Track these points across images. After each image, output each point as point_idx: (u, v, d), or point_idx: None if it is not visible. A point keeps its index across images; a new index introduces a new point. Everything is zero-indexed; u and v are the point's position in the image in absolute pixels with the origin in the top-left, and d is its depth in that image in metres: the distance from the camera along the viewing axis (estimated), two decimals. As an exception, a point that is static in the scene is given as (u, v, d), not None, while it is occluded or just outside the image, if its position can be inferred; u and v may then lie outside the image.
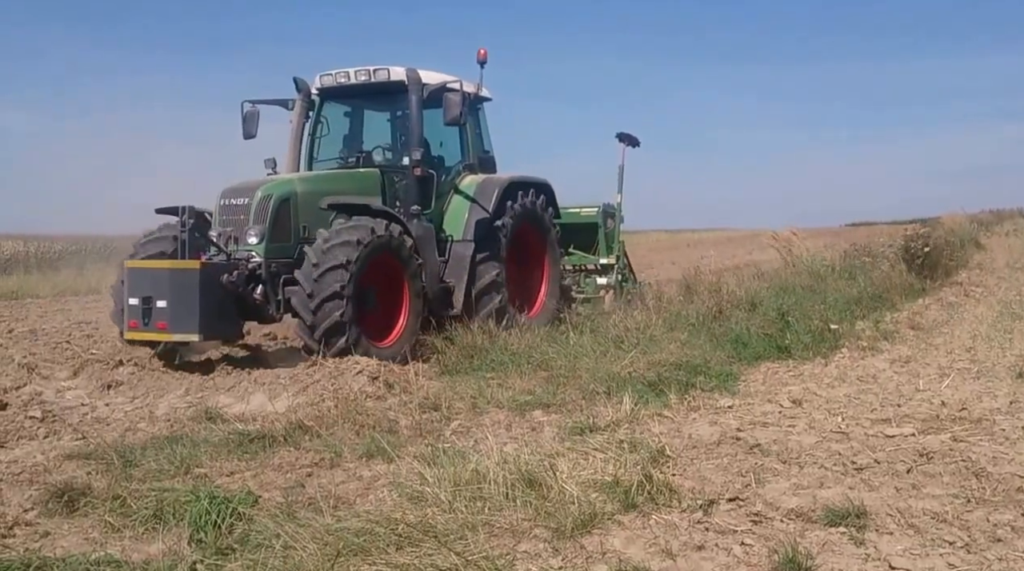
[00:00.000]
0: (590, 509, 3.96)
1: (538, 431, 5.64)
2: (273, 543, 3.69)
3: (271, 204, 8.87)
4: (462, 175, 10.72)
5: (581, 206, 12.99)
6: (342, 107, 10.87)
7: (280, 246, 8.81)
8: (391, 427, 5.85)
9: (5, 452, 5.68)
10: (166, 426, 6.32)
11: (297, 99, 10.56)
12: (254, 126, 10.53)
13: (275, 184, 9.22)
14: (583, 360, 7.51)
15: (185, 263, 8.40)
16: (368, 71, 10.21)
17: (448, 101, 9.60)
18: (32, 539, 4.14)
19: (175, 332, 8.18)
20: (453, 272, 10.00)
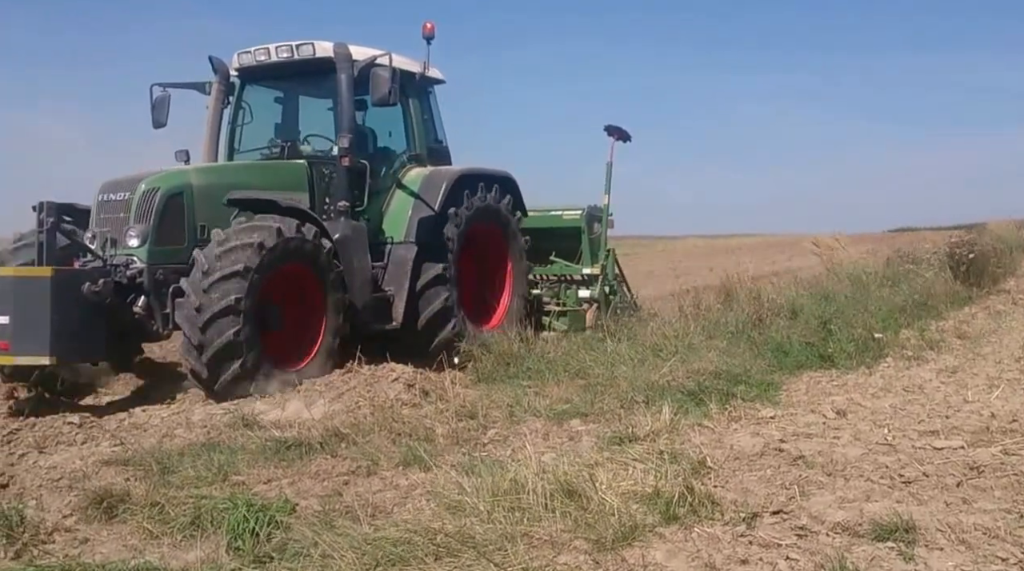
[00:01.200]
0: (631, 521, 3.93)
1: (576, 440, 5.62)
2: (311, 552, 3.71)
3: (156, 199, 7.66)
4: (407, 168, 9.60)
5: (564, 208, 11.86)
6: (266, 90, 9.72)
7: (168, 250, 7.60)
8: (427, 435, 5.85)
9: (44, 458, 5.77)
10: (203, 432, 6.38)
11: (214, 81, 9.39)
12: (164, 113, 9.35)
13: (162, 176, 7.92)
14: (620, 368, 7.47)
15: (32, 270, 7.07)
16: (291, 47, 8.99)
17: (375, 78, 8.45)
18: (71, 545, 4.20)
19: (19, 354, 6.90)
20: (392, 279, 8.92)
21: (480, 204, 9.63)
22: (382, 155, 9.66)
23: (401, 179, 9.50)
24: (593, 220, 11.59)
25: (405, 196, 9.34)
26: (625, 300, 11.91)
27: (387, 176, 9.45)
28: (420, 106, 9.84)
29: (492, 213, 9.88)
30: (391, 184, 9.44)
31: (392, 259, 9.06)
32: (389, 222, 9.29)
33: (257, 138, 9.47)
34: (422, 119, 9.86)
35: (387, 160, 9.63)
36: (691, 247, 41.52)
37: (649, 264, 29.17)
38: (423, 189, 9.30)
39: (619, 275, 12.25)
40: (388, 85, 8.39)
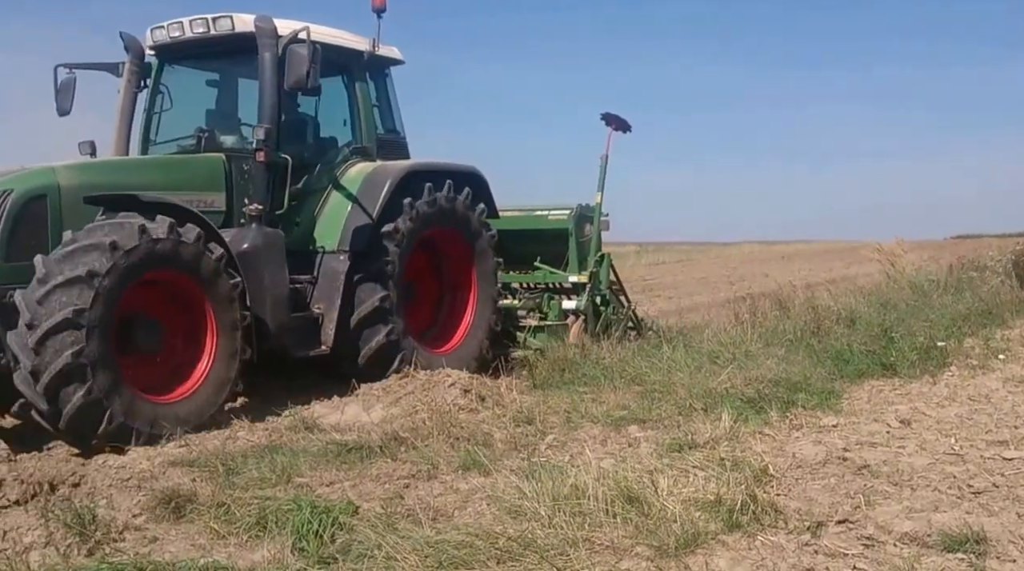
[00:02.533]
0: (693, 528, 3.90)
1: (635, 447, 5.59)
2: (375, 554, 3.74)
3: (9, 204, 6.30)
4: (349, 163, 8.32)
5: (549, 208, 10.48)
6: (186, 71, 8.48)
7: (24, 266, 6.11)
8: (485, 440, 5.87)
9: (114, 458, 5.92)
10: (264, 435, 6.47)
11: (126, 61, 8.19)
12: (69, 99, 8.14)
13: (19, 176, 6.54)
14: (677, 375, 7.41)
15: None
16: (206, 21, 7.73)
17: (290, 58, 7.12)
18: (142, 543, 4.29)
19: None
20: (323, 296, 7.71)
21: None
22: (318, 147, 8.41)
23: (339, 177, 8.19)
24: (584, 221, 10.28)
25: (342, 197, 8.05)
26: (620, 313, 10.62)
27: (323, 173, 8.16)
28: (368, 90, 8.56)
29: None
30: (328, 183, 8.15)
31: (323, 272, 7.81)
32: (322, 228, 8.01)
33: (181, 128, 8.19)
34: (370, 106, 8.56)
35: (323, 154, 8.35)
36: (746, 254, 41.07)
37: (703, 270, 28.97)
38: (363, 189, 8.01)
39: (615, 284, 10.94)
40: (306, 66, 7.02)
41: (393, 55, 8.86)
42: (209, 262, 6.59)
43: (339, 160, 8.34)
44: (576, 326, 9.73)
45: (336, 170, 8.25)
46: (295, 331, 7.44)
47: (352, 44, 8.38)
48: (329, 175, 8.19)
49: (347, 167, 8.29)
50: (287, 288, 7.36)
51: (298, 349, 7.50)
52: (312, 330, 7.64)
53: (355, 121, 8.51)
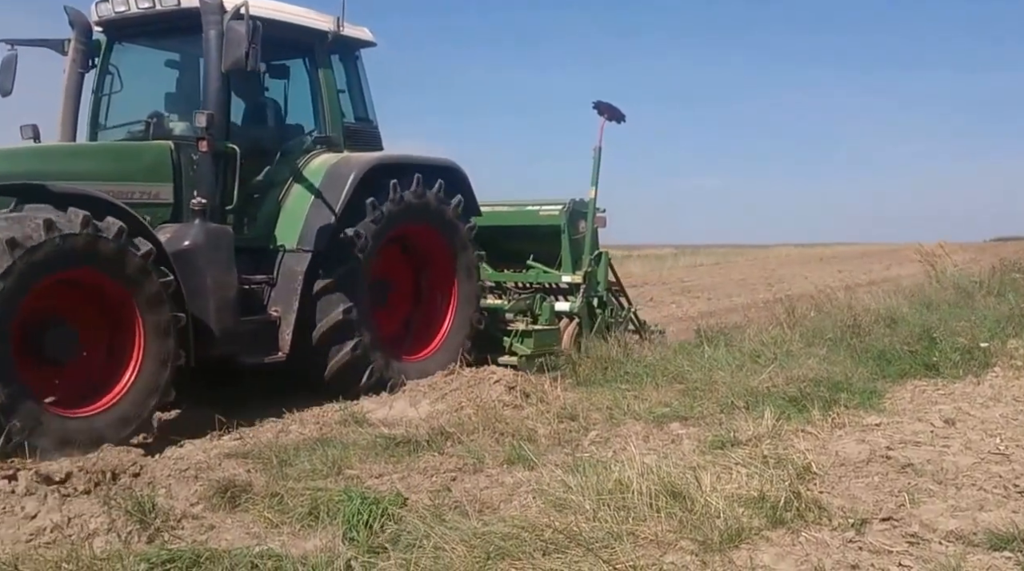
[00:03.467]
0: (736, 523, 3.85)
1: (677, 443, 5.55)
2: (424, 544, 3.75)
3: None
4: (313, 154, 7.58)
5: (541, 203, 9.76)
6: (137, 50, 7.67)
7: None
8: (530, 435, 5.86)
9: (173, 449, 6.01)
10: (315, 428, 6.53)
11: (71, 38, 7.36)
12: (10, 78, 7.43)
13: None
14: (719, 373, 7.33)
15: None
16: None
17: (228, 35, 6.31)
18: (199, 531, 4.35)
19: None
20: (280, 298, 6.98)
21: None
22: (278, 136, 7.64)
23: (301, 169, 7.43)
24: (577, 217, 9.52)
25: (303, 191, 7.31)
26: (620, 315, 9.83)
27: (284, 164, 7.43)
28: (332, 74, 7.76)
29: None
30: (289, 175, 7.40)
31: (281, 273, 7.08)
32: (282, 224, 7.27)
33: (133, 112, 7.39)
34: (335, 91, 7.76)
35: (282, 143, 7.57)
36: (784, 256, 40.57)
37: (741, 272, 28.66)
38: (326, 183, 7.28)
39: (615, 284, 10.11)
40: (244, 45, 6.21)
41: (362, 36, 8.10)
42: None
43: (302, 150, 7.57)
44: (569, 330, 9.09)
45: (298, 161, 7.47)
46: (246, 336, 6.68)
47: (313, 23, 7.60)
48: (290, 167, 7.42)
49: (310, 158, 7.52)
50: (235, 289, 6.57)
51: (249, 355, 6.74)
52: (268, 335, 6.88)
53: (318, 108, 7.69)
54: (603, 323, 9.33)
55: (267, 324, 6.94)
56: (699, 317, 14.83)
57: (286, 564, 3.59)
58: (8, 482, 4.69)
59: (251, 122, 7.61)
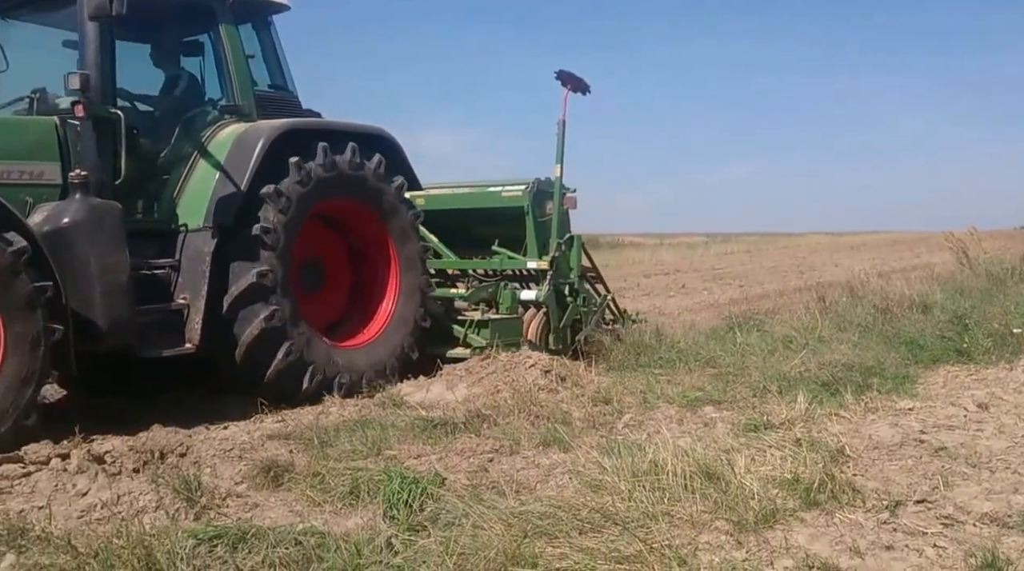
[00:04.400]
0: (771, 505, 3.81)
1: (711, 426, 5.50)
2: (462, 522, 3.75)
3: None
4: (221, 124, 6.87)
5: (503, 184, 8.97)
6: (23, 26, 7.04)
7: None
8: (565, 418, 5.85)
9: (217, 431, 6.08)
10: (355, 411, 6.57)
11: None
12: None
13: None
14: (751, 358, 7.26)
15: None
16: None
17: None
18: (243, 509, 4.39)
19: None
20: (188, 282, 6.26)
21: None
22: (178, 104, 6.92)
23: (207, 141, 6.73)
24: (543, 198, 8.75)
25: (209, 165, 6.58)
26: (594, 304, 8.98)
27: (188, 136, 6.74)
28: (238, 38, 7.02)
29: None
30: (194, 149, 6.70)
31: (186, 255, 6.34)
32: (187, 202, 6.53)
33: (16, 86, 6.68)
34: (243, 56, 7.01)
35: (182, 113, 6.86)
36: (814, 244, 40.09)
37: (772, 260, 28.40)
38: (233, 152, 6.53)
39: (590, 270, 9.30)
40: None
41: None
42: None
43: (208, 121, 6.87)
44: (535, 320, 8.28)
45: (203, 133, 6.79)
46: (146, 327, 5.96)
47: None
48: (195, 140, 6.74)
49: (217, 129, 6.80)
50: (126, 273, 5.74)
51: (149, 348, 5.99)
52: (173, 325, 6.15)
53: (224, 75, 6.96)
54: (574, 313, 8.63)
55: (171, 313, 6.15)
56: (730, 303, 14.71)
57: (329, 541, 3.61)
58: (61, 460, 4.78)
59: (150, 91, 6.92)
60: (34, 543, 3.58)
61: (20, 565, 3.38)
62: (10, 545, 3.58)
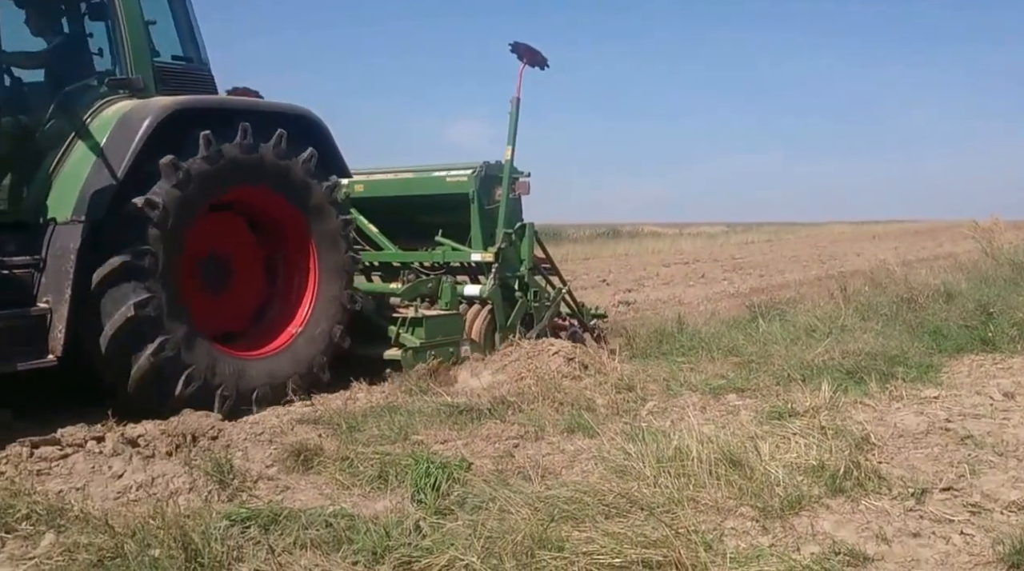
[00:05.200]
0: (796, 491, 3.80)
1: (734, 414, 5.47)
2: (489, 506, 3.76)
3: None
4: (108, 101, 5.82)
5: (449, 168, 8.18)
6: None
7: None
8: (588, 405, 5.84)
9: (247, 415, 6.11)
10: (381, 397, 6.60)
11: None
12: None
13: None
14: (774, 347, 7.22)
15: None
16: None
17: None
18: (274, 492, 4.43)
19: None
20: (52, 284, 5.31)
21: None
22: (57, 77, 5.89)
23: (90, 120, 5.70)
24: (491, 183, 7.96)
25: (87, 148, 5.60)
26: (547, 299, 8.19)
27: (64, 116, 5.70)
28: (138, 2, 6.00)
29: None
30: (71, 130, 5.68)
31: (51, 253, 5.37)
32: (57, 191, 5.56)
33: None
34: (139, 21, 5.98)
35: (63, 86, 5.80)
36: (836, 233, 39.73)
37: (792, 249, 28.23)
38: (115, 134, 5.53)
39: (544, 262, 8.50)
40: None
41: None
42: None
43: (92, 97, 5.83)
44: (479, 318, 7.61)
45: (85, 112, 5.75)
46: (18, 335, 5.12)
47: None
48: (73, 119, 5.70)
49: (103, 107, 5.78)
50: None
51: (2, 361, 5.05)
52: (33, 333, 5.19)
53: (116, 42, 5.93)
54: (523, 309, 7.92)
55: (30, 319, 5.18)
56: (751, 293, 14.63)
57: (358, 523, 3.63)
58: (97, 443, 4.85)
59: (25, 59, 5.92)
60: (72, 523, 3.63)
61: (59, 544, 3.43)
62: (49, 524, 3.63)
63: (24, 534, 3.61)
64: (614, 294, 16.55)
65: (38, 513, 3.73)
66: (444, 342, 7.22)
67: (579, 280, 20.48)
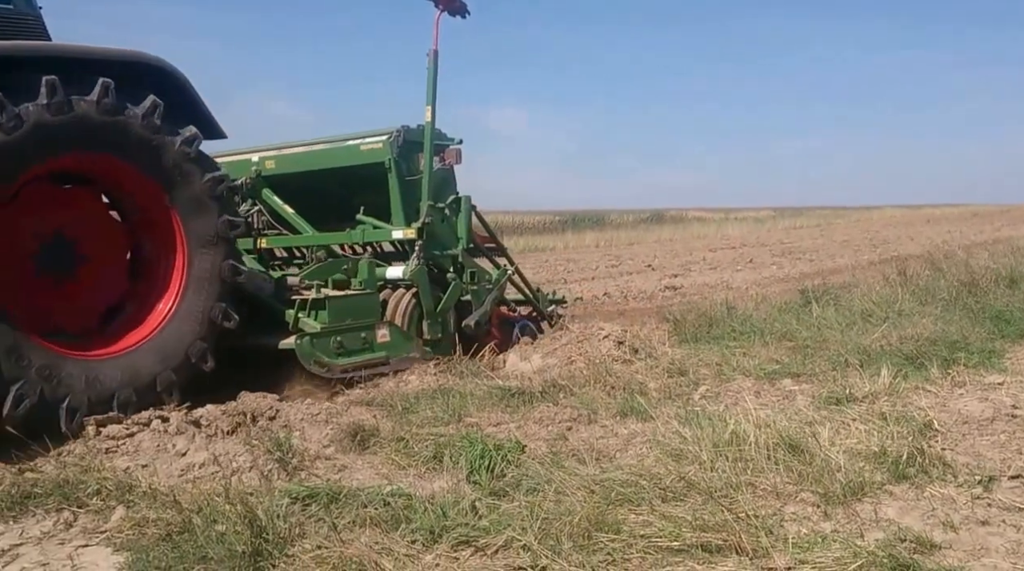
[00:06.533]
0: (858, 478, 3.73)
1: (790, 399, 5.40)
2: (545, 488, 3.77)
3: None
4: None
5: (364, 135, 7.15)
6: None
7: None
8: (641, 389, 5.81)
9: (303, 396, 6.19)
10: (433, 380, 6.64)
11: None
12: None
13: None
14: (828, 332, 7.09)
15: None
16: None
17: None
18: (332, 471, 4.49)
19: None
20: None
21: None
22: None
23: None
24: (412, 151, 6.99)
25: None
26: (486, 281, 7.39)
27: None
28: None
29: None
30: None
31: None
32: None
33: None
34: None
35: None
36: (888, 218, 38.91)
37: (844, 234, 27.73)
38: None
39: (487, 240, 7.82)
40: None
41: None
42: None
43: None
44: (402, 303, 6.76)
45: None
46: None
47: None
48: None
49: None
50: None
51: None
52: None
53: None
54: (456, 293, 7.11)
55: None
56: (801, 278, 14.43)
57: (415, 503, 3.66)
58: (161, 422, 4.96)
59: None
60: (140, 498, 3.73)
61: (129, 518, 3.53)
62: (119, 499, 3.73)
63: (95, 509, 3.72)
64: (660, 279, 16.46)
65: (108, 488, 3.84)
66: (354, 327, 6.29)
67: (624, 265, 20.43)
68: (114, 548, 3.40)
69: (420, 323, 6.88)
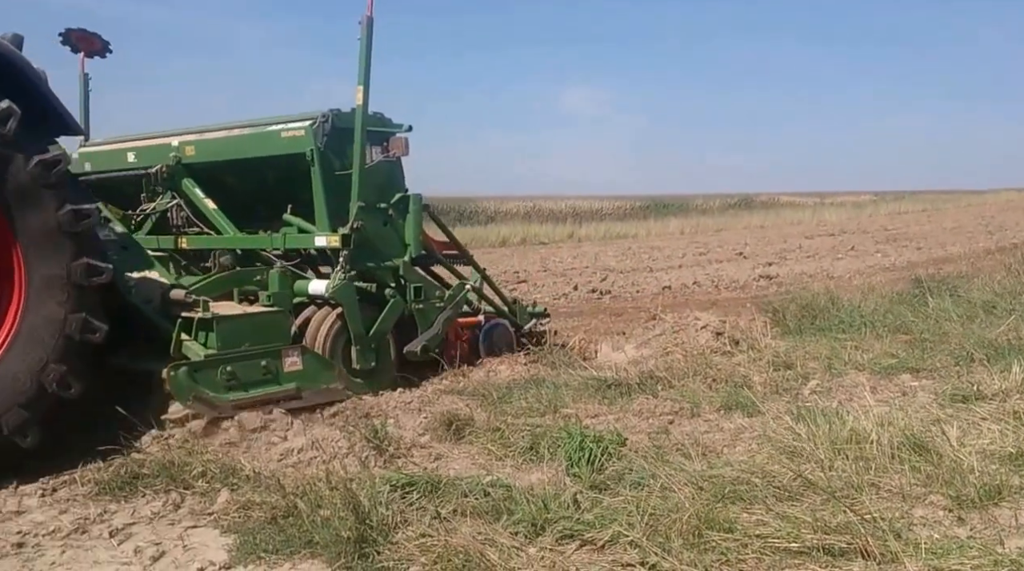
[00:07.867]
0: (993, 480, 3.58)
1: (910, 396, 5.23)
2: (650, 483, 3.74)
3: None
4: None
5: (287, 120, 6.18)
6: None
7: None
8: (744, 382, 5.72)
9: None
10: (524, 369, 6.66)
11: None
12: None
13: None
14: (948, 325, 6.85)
15: None
16: None
17: None
18: (428, 459, 4.55)
19: None
20: None
21: None
22: None
23: None
24: (344, 139, 5.98)
25: None
26: (436, 298, 6.51)
27: None
28: None
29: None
30: None
31: None
32: None
33: None
34: None
35: None
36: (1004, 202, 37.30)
37: (954, 220, 26.72)
38: None
39: (446, 247, 6.94)
40: None
41: None
42: None
43: None
44: (324, 324, 5.89)
45: None
46: None
47: None
48: None
49: None
50: None
51: None
52: None
53: None
54: (395, 313, 6.24)
55: None
56: (909, 267, 13.98)
57: (515, 494, 3.68)
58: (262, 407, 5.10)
59: None
60: (244, 482, 3.84)
61: (234, 501, 3.64)
62: (223, 482, 3.86)
63: (201, 491, 3.85)
64: (753, 268, 16.16)
65: (212, 471, 3.97)
66: (254, 354, 5.27)
67: (712, 252, 20.12)
68: (221, 530, 3.52)
69: (346, 348, 5.97)
